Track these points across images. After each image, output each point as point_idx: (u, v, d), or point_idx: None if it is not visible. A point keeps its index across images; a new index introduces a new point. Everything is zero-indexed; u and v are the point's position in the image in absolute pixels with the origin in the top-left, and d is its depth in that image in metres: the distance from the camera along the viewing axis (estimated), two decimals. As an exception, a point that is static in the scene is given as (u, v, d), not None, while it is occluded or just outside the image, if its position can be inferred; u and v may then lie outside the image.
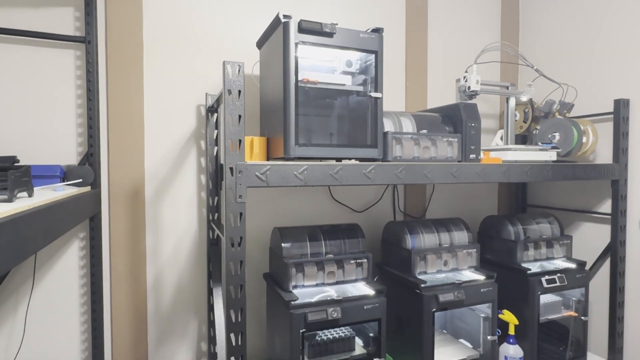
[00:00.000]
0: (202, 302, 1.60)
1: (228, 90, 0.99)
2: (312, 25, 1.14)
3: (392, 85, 1.89)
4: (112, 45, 1.44)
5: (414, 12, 1.92)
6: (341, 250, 1.40)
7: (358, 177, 1.13)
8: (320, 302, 1.22)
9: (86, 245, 1.43)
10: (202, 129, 1.58)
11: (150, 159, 1.51)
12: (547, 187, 2.04)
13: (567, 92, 1.80)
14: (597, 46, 1.77)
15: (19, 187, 0.82)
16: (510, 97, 1.68)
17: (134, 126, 1.47)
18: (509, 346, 1.49)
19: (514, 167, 1.36)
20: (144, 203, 1.49)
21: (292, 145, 1.12)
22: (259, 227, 1.65)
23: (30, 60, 1.36)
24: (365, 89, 1.27)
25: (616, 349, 1.66)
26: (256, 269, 1.64)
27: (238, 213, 1.00)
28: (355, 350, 1.34)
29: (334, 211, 1.79)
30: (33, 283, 1.37)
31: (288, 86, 1.12)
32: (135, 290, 1.49)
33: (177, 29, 1.53)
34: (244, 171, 1.00)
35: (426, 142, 1.32)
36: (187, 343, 1.58)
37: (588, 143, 1.69)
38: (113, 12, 1.43)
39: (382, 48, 1.24)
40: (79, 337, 1.44)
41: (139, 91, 1.48)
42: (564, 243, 1.70)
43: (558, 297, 1.65)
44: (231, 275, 1.00)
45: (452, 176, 1.26)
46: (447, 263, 1.51)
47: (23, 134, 1.35)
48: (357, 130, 1.25)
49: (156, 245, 1.52)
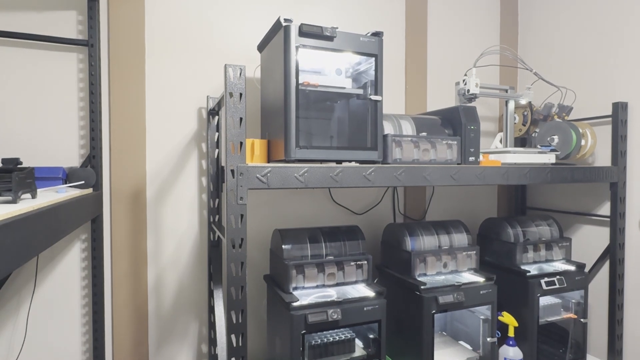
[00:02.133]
0: (202, 304, 1.61)
1: (229, 93, 1.00)
2: (313, 29, 1.15)
3: (392, 88, 1.90)
4: (114, 49, 1.45)
5: (414, 16, 1.94)
6: (341, 252, 1.40)
7: (358, 180, 1.13)
8: (321, 304, 1.23)
9: (88, 246, 1.44)
10: (203, 131, 1.59)
11: (152, 161, 1.52)
12: (546, 190, 2.05)
13: (566, 95, 1.81)
14: (596, 50, 1.78)
15: (22, 189, 0.83)
16: (510, 100, 1.69)
17: (135, 129, 1.48)
18: (508, 348, 1.49)
19: (513, 169, 1.37)
20: (145, 205, 1.50)
21: (293, 148, 1.13)
22: (260, 228, 1.66)
23: (33, 63, 1.37)
24: (365, 92, 1.28)
25: (615, 351, 1.66)
26: (257, 271, 1.64)
27: (239, 215, 1.01)
28: (355, 352, 1.34)
29: (334, 213, 1.79)
30: (35, 284, 1.38)
31: (289, 89, 1.13)
32: (136, 291, 1.49)
33: (179, 33, 1.54)
34: (245, 173, 1.01)
35: (426, 145, 1.33)
36: (187, 344, 1.59)
37: (587, 146, 1.70)
38: (115, 16, 1.45)
39: (382, 51, 1.25)
40: (80, 338, 1.45)
41: (140, 94, 1.49)
42: (563, 245, 1.70)
43: (557, 299, 1.66)
44: (232, 276, 1.00)
45: (451, 178, 1.27)
46: (446, 265, 1.51)
47: (26, 136, 1.36)
48: (357, 132, 1.26)
49: (157, 247, 1.53)
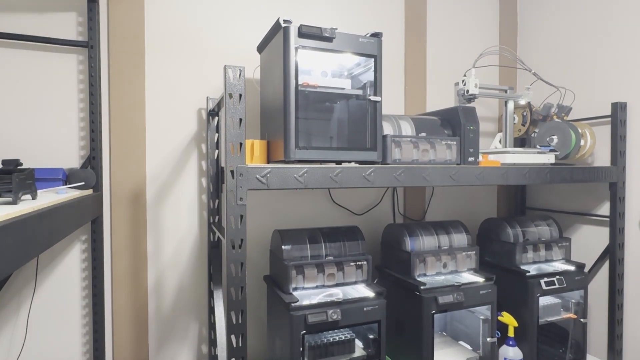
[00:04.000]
0: (202, 304, 1.61)
1: (229, 94, 1.00)
2: (312, 30, 1.15)
3: (392, 88, 1.90)
4: (114, 50, 1.45)
5: (413, 17, 1.94)
6: (341, 253, 1.40)
7: (358, 180, 1.14)
8: (321, 304, 1.23)
9: (88, 247, 1.44)
10: (203, 132, 1.59)
11: (152, 162, 1.52)
12: (545, 190, 2.05)
13: (565, 95, 1.82)
14: (595, 50, 1.79)
15: (23, 190, 0.83)
16: (509, 101, 1.69)
17: (135, 130, 1.49)
18: (508, 348, 1.49)
19: (512, 169, 1.37)
20: (145, 206, 1.51)
21: (293, 148, 1.13)
22: (260, 229, 1.66)
23: (33, 65, 1.37)
24: (364, 92, 1.28)
25: (615, 351, 1.66)
26: (256, 271, 1.64)
27: (239, 215, 1.01)
28: (355, 352, 1.34)
29: (334, 214, 1.80)
30: (35, 285, 1.38)
31: (288, 90, 1.14)
32: (136, 292, 1.50)
33: (179, 34, 1.54)
34: (244, 174, 1.01)
35: (425, 145, 1.33)
36: (187, 345, 1.59)
37: (586, 146, 1.70)
38: (115, 17, 1.45)
39: (381, 52, 1.25)
40: (80, 340, 1.45)
41: (140, 95, 1.49)
42: (562, 245, 1.71)
43: (557, 300, 1.66)
44: (232, 277, 1.00)
45: (451, 179, 1.27)
46: (446, 265, 1.52)
47: (26, 137, 1.37)
48: (357, 133, 1.27)
49: (157, 247, 1.53)
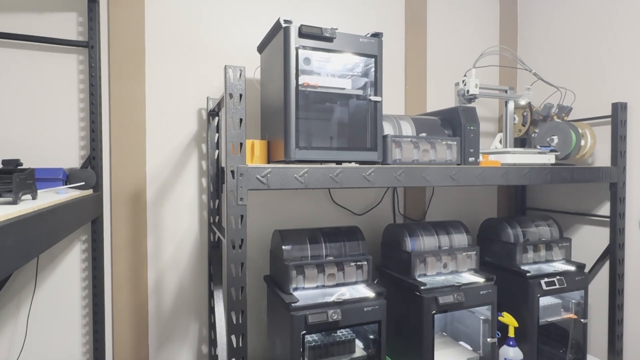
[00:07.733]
0: (202, 305, 1.61)
1: (229, 94, 1.00)
2: (313, 30, 1.15)
3: (392, 89, 1.90)
4: (114, 50, 1.45)
5: (413, 17, 1.94)
6: (341, 253, 1.40)
7: (358, 180, 1.14)
8: (321, 304, 1.23)
9: (88, 247, 1.44)
10: (203, 132, 1.59)
11: (152, 162, 1.52)
12: (546, 190, 2.05)
13: (566, 95, 1.82)
14: (595, 50, 1.79)
15: (23, 190, 0.83)
16: (509, 101, 1.69)
17: (135, 130, 1.49)
18: (508, 348, 1.49)
19: (512, 169, 1.37)
20: (145, 206, 1.50)
21: (293, 149, 1.13)
22: (260, 229, 1.66)
23: (34, 65, 1.37)
24: (365, 92, 1.28)
25: (616, 351, 1.66)
26: (257, 271, 1.64)
27: (239, 215, 1.01)
28: (356, 353, 1.34)
29: (334, 214, 1.80)
30: (35, 285, 1.38)
31: (288, 90, 1.14)
32: (136, 292, 1.49)
33: (179, 34, 1.54)
34: (245, 174, 1.01)
35: (425, 145, 1.33)
36: (187, 345, 1.59)
37: (586, 146, 1.70)
38: (116, 17, 1.45)
39: (382, 52, 1.25)
40: (81, 340, 1.45)
41: (140, 95, 1.49)
42: (563, 245, 1.71)
43: (557, 300, 1.66)
44: (232, 277, 1.00)
45: (451, 179, 1.27)
46: (446, 265, 1.51)
47: (27, 137, 1.37)
48: (357, 133, 1.26)
49: (157, 248, 1.53)
